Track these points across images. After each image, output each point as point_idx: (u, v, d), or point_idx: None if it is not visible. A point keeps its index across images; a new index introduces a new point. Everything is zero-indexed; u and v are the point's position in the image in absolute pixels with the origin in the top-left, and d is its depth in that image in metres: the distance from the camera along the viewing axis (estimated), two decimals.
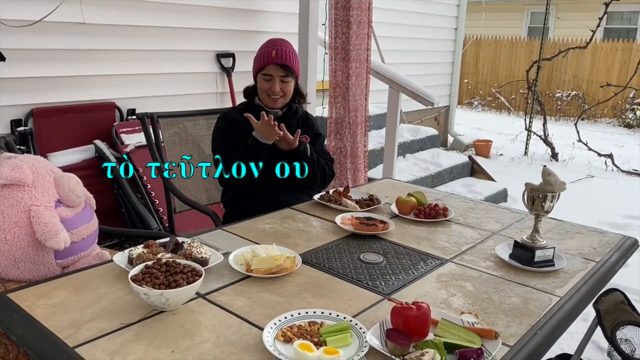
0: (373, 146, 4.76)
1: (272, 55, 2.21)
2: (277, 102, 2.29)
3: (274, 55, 2.21)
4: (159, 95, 3.74)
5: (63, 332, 1.21)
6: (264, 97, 2.29)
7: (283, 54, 2.22)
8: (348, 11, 3.78)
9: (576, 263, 1.72)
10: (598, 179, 6.33)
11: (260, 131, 2.16)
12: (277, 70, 2.23)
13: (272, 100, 2.28)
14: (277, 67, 2.22)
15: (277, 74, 2.23)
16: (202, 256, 1.52)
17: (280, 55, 2.21)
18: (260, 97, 2.32)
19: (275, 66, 2.22)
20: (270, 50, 2.23)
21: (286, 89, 2.28)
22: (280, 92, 2.26)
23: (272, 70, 2.23)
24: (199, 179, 2.67)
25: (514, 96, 12.16)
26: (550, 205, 1.65)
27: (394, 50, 5.84)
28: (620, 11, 12.64)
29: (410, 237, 1.88)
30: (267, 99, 2.29)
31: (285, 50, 2.23)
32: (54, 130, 3.19)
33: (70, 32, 3.22)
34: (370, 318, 1.32)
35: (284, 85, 2.26)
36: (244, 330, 1.25)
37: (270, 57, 2.22)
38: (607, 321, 1.58)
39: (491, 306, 1.42)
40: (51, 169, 1.67)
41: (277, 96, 2.26)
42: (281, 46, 2.24)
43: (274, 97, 2.26)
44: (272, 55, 2.21)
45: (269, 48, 2.24)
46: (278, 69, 2.22)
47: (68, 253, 1.63)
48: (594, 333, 1.74)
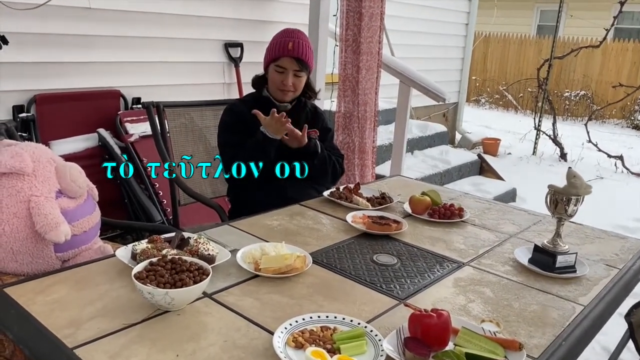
0: (381, 142, 4.68)
1: (289, 47, 2.11)
2: (287, 95, 2.20)
3: (290, 47, 2.11)
4: (164, 85, 3.67)
5: (62, 331, 1.14)
6: (274, 89, 2.20)
7: (300, 47, 2.12)
8: (360, 2, 3.69)
9: (598, 269, 1.65)
10: (608, 181, 6.24)
11: (268, 127, 2.07)
12: (291, 63, 2.13)
13: (282, 94, 2.19)
14: (292, 60, 2.12)
15: (292, 68, 2.14)
16: (209, 253, 1.45)
17: (297, 48, 2.11)
18: (270, 89, 2.23)
19: (291, 59, 2.12)
20: (287, 41, 2.12)
21: (298, 84, 2.19)
22: (292, 86, 2.17)
23: (287, 63, 2.13)
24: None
25: (522, 94, 12.04)
26: (574, 209, 1.58)
27: (403, 45, 5.75)
28: (631, 11, 12.49)
29: (425, 238, 1.81)
30: (277, 92, 2.20)
31: (302, 43, 2.13)
32: (57, 118, 3.12)
33: (76, 17, 3.14)
34: (386, 324, 1.25)
35: (296, 80, 2.17)
36: (252, 334, 1.18)
37: (286, 48, 2.11)
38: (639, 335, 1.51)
39: (512, 314, 1.35)
40: (52, 157, 1.60)
41: (289, 90, 2.18)
42: (298, 38, 2.14)
43: (285, 90, 2.18)
44: (288, 47, 2.11)
45: (286, 39, 2.13)
46: (293, 62, 2.13)
47: (68, 246, 1.57)
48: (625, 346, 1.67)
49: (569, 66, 11.50)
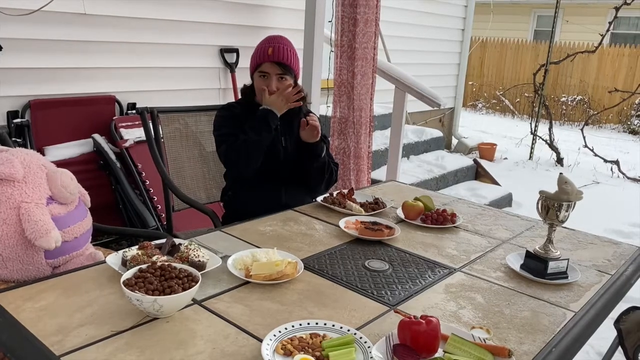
0: (377, 147, 4.69)
1: (269, 52, 2.12)
2: None
3: (270, 52, 2.12)
4: (160, 90, 3.67)
5: (49, 338, 1.14)
6: (261, 96, 2.21)
7: (280, 51, 2.13)
8: (355, 8, 3.70)
9: (590, 275, 1.64)
10: (604, 186, 6.25)
11: (272, 104, 2.11)
12: (273, 68, 2.14)
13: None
14: (273, 64, 2.13)
15: (274, 72, 2.14)
16: (199, 260, 1.45)
17: (277, 52, 2.12)
18: (258, 96, 2.23)
19: (272, 64, 2.13)
20: (266, 47, 2.14)
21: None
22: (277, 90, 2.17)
23: (268, 68, 2.14)
24: (198, 177, 2.60)
25: (519, 99, 12.07)
26: (565, 215, 1.58)
27: (399, 50, 5.77)
28: (627, 16, 12.56)
29: (417, 244, 1.81)
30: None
31: (282, 47, 2.14)
32: (52, 123, 3.11)
33: (71, 22, 3.14)
34: (376, 330, 1.25)
35: (280, 84, 2.17)
36: (241, 341, 1.17)
37: (266, 54, 2.13)
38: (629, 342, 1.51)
39: (503, 320, 1.34)
40: (44, 164, 1.60)
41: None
42: (278, 43, 2.15)
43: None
44: (268, 52, 2.12)
45: (266, 45, 2.15)
46: (275, 66, 2.14)
47: (59, 253, 1.56)
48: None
49: (565, 71, 11.54)
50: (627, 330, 1.53)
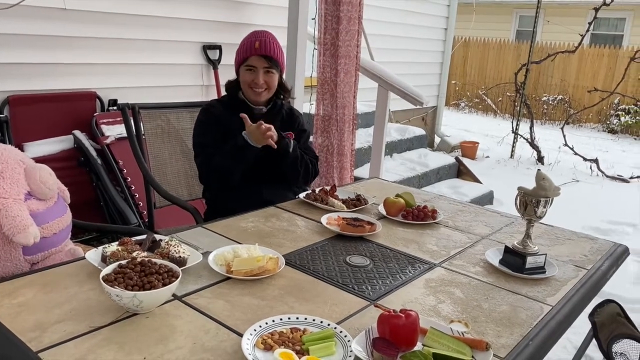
0: (360, 145, 4.70)
1: (256, 46, 2.13)
2: (260, 95, 2.19)
3: (257, 46, 2.13)
4: (142, 86, 3.64)
5: (27, 334, 1.13)
6: (247, 90, 2.20)
7: (267, 44, 2.14)
8: (338, 6, 3.71)
9: (567, 270, 1.67)
10: (583, 184, 6.35)
11: (252, 134, 2.08)
12: (260, 61, 2.14)
13: (255, 94, 2.19)
14: (260, 58, 2.14)
15: (261, 65, 2.15)
16: (180, 255, 1.44)
17: (264, 46, 2.13)
18: (244, 90, 2.22)
19: (259, 57, 2.14)
20: (253, 41, 2.15)
21: (270, 82, 2.19)
22: (264, 84, 2.17)
23: (255, 62, 2.14)
24: (180, 173, 2.59)
25: (501, 98, 12.19)
26: (543, 211, 1.60)
27: (383, 49, 5.79)
28: (607, 17, 12.74)
29: (398, 240, 1.82)
30: (250, 93, 2.20)
31: (268, 41, 2.15)
32: (31, 119, 3.07)
33: (51, 17, 3.10)
34: (356, 325, 1.26)
35: (267, 77, 2.17)
36: (222, 336, 1.17)
37: (253, 48, 2.13)
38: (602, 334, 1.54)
39: (481, 314, 1.36)
40: (22, 159, 1.58)
41: (261, 89, 2.17)
42: (264, 37, 2.16)
43: (258, 89, 2.17)
44: (255, 46, 2.13)
45: (252, 39, 2.16)
46: (261, 60, 2.14)
47: (37, 249, 1.55)
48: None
49: (546, 71, 11.68)
50: (601, 323, 1.56)
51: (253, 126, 2.07)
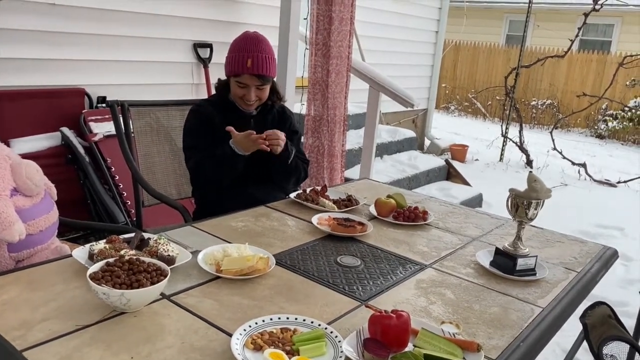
0: (350, 146, 4.69)
1: (248, 65, 2.04)
2: (251, 107, 2.18)
3: (249, 65, 2.04)
4: (131, 84, 3.61)
5: (11, 333, 1.10)
6: (238, 100, 2.17)
7: (259, 63, 2.05)
8: (330, 6, 3.70)
9: (557, 273, 1.67)
10: (571, 188, 6.39)
11: (239, 144, 2.04)
12: (252, 80, 2.08)
13: (246, 105, 2.17)
14: (252, 77, 2.07)
15: (253, 84, 2.09)
16: (168, 254, 1.42)
17: (256, 65, 2.05)
18: (234, 99, 2.19)
19: (251, 76, 2.07)
20: (245, 57, 2.05)
21: (262, 95, 2.16)
22: (256, 98, 2.14)
23: (247, 80, 2.08)
24: (169, 171, 2.56)
25: (490, 102, 12.26)
26: (534, 213, 1.60)
27: (374, 50, 5.79)
28: (595, 23, 12.85)
29: (389, 241, 1.81)
30: (241, 103, 2.17)
31: (261, 57, 2.06)
32: (18, 115, 3.03)
33: (40, 12, 3.06)
34: (347, 325, 1.25)
35: (259, 92, 2.13)
36: (211, 336, 1.16)
37: (245, 66, 2.05)
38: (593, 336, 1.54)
39: (472, 316, 1.36)
40: (8, 154, 1.55)
41: (252, 102, 2.15)
42: (257, 52, 2.06)
43: (249, 102, 2.15)
44: (247, 65, 2.04)
45: (244, 54, 2.05)
46: (254, 79, 2.08)
47: (23, 246, 1.52)
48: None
49: (536, 75, 11.77)
50: (592, 325, 1.57)
51: (240, 135, 2.02)
